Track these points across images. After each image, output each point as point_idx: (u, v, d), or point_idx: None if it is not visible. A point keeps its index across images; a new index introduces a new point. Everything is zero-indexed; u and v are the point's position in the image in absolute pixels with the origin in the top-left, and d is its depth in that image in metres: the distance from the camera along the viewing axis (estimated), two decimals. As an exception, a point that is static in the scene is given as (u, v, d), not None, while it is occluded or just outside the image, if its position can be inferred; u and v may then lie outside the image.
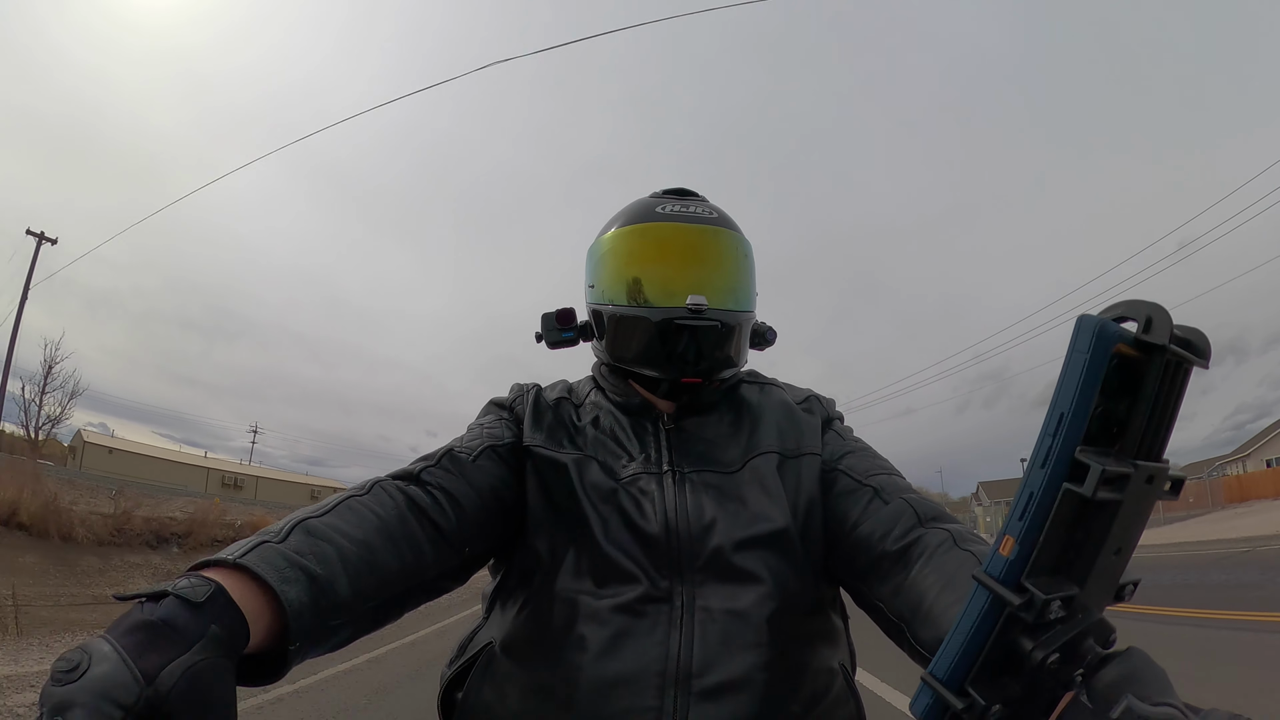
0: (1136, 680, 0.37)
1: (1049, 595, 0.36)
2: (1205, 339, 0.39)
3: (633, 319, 0.83)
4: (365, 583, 0.61)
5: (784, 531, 0.75)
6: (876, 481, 0.78)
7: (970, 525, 0.72)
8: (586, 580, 0.73)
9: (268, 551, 0.54)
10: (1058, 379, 0.37)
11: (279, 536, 0.57)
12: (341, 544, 0.60)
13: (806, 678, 0.72)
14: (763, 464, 0.81)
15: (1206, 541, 16.84)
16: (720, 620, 0.70)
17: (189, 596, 0.46)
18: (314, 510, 0.62)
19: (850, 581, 0.76)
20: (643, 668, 0.67)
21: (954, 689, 0.38)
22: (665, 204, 0.88)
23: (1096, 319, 0.36)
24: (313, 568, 0.56)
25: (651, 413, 0.86)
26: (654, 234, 0.86)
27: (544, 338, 0.92)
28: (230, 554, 0.52)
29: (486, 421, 0.86)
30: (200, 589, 0.47)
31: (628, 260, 0.86)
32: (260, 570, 0.52)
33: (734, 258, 0.87)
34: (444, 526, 0.71)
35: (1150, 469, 0.38)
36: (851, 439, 0.88)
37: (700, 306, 0.79)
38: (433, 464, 0.75)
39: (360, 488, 0.68)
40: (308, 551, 0.57)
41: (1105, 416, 0.37)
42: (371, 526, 0.64)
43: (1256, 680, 4.27)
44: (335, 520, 0.62)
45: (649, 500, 0.77)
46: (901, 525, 0.71)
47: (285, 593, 0.52)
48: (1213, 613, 6.95)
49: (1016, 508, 0.37)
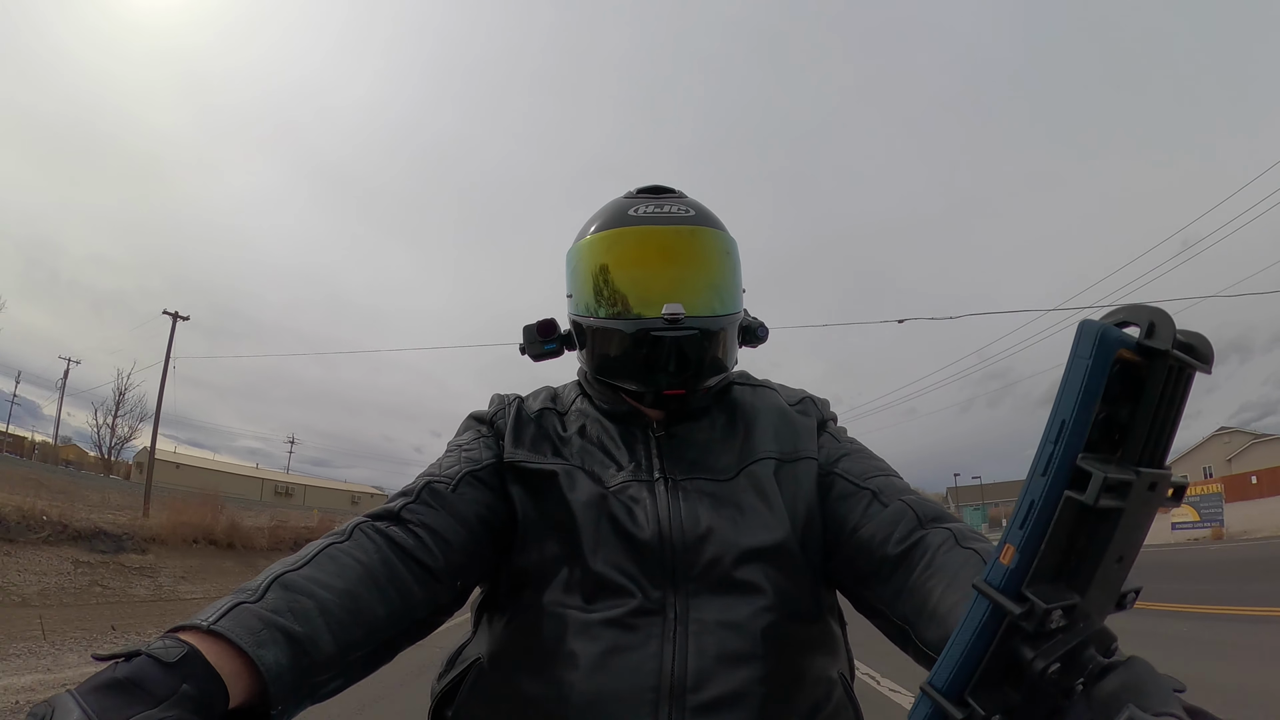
0: (1138, 690, 0.36)
1: (1050, 604, 0.35)
2: (1208, 343, 0.39)
3: (608, 331, 0.80)
4: (351, 634, 0.59)
5: (783, 540, 0.74)
6: (874, 484, 0.76)
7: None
8: (576, 593, 0.71)
9: (243, 614, 0.52)
10: (1059, 385, 0.36)
11: (256, 595, 0.55)
12: (322, 596, 0.58)
13: (805, 689, 0.71)
14: (759, 470, 0.78)
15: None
16: (715, 633, 0.68)
17: (161, 656, 0.45)
18: (293, 563, 0.60)
19: (851, 586, 0.75)
20: (636, 683, 0.65)
21: (953, 699, 0.38)
22: (638, 205, 0.83)
23: (1098, 324, 0.36)
24: (291, 626, 0.54)
25: (640, 420, 0.83)
26: (626, 239, 0.81)
27: (526, 350, 0.89)
28: (204, 618, 0.51)
29: (464, 442, 0.83)
30: (173, 650, 0.46)
31: (601, 269, 0.82)
32: (234, 636, 0.50)
33: (713, 257, 0.83)
34: (431, 565, 0.69)
35: (1152, 476, 0.37)
36: (846, 440, 0.85)
37: (677, 315, 0.75)
38: (412, 500, 0.73)
39: (340, 533, 0.66)
40: (285, 609, 0.55)
41: (1107, 423, 0.37)
42: (354, 575, 0.62)
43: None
44: (315, 572, 0.60)
45: (640, 508, 0.74)
46: (902, 528, 0.69)
47: (261, 657, 0.50)
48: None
49: (1017, 516, 0.37)
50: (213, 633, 0.50)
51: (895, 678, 4.97)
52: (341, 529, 0.67)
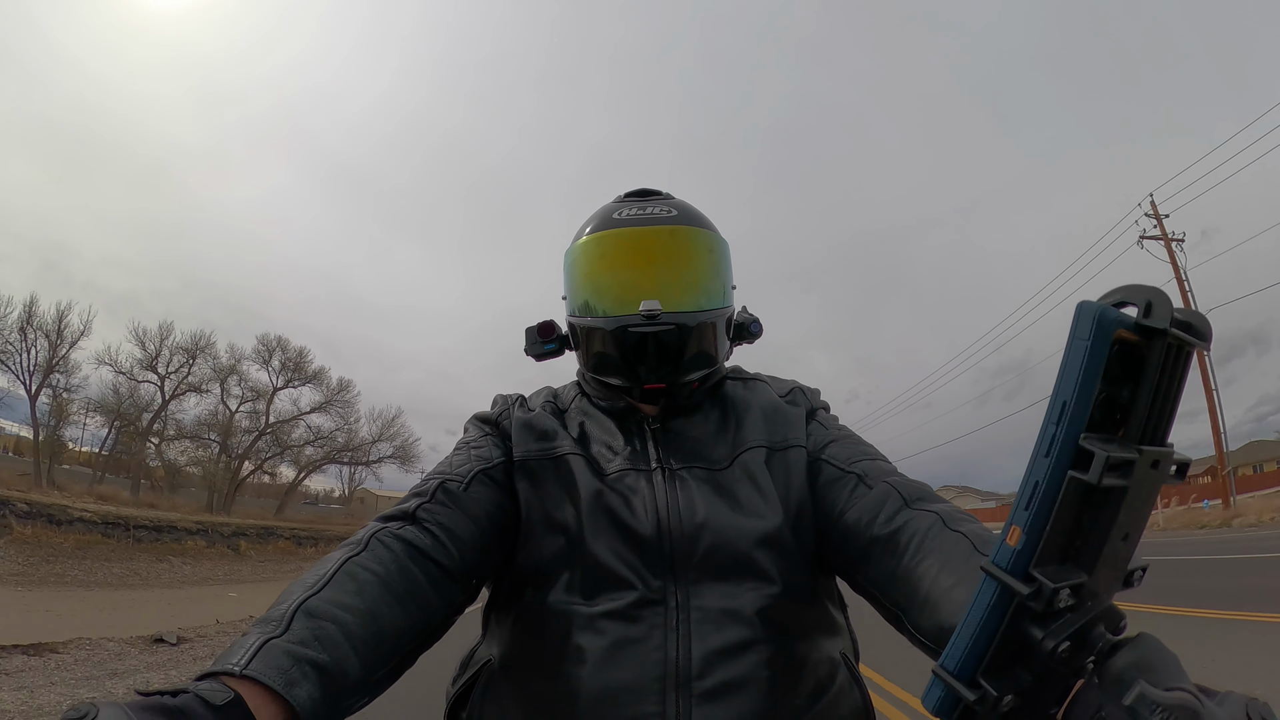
0: (1148, 666, 0.36)
1: (1057, 584, 0.36)
2: (1206, 321, 0.39)
3: (593, 330, 0.83)
4: (375, 653, 0.60)
5: (778, 526, 0.75)
6: (860, 468, 0.77)
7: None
8: (578, 589, 0.72)
9: (272, 652, 0.53)
10: (1059, 367, 0.36)
11: (281, 628, 0.55)
12: (345, 620, 0.58)
13: (808, 671, 0.72)
14: (751, 459, 0.80)
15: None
16: (717, 619, 0.69)
17: (209, 698, 0.46)
18: (313, 585, 0.60)
19: (844, 570, 0.76)
20: (642, 674, 0.67)
21: (965, 681, 0.38)
22: (623, 208, 0.86)
23: (1096, 305, 0.36)
24: (318, 657, 0.54)
25: (636, 415, 0.85)
26: (608, 242, 0.85)
27: (528, 351, 0.91)
28: (236, 661, 0.51)
29: (473, 440, 0.85)
30: (220, 694, 0.47)
31: (587, 271, 0.86)
32: (266, 679, 0.50)
33: (693, 254, 0.85)
34: (447, 565, 0.70)
35: (1155, 453, 0.38)
36: (835, 427, 0.86)
37: (654, 312, 0.78)
38: (427, 500, 0.74)
39: (357, 544, 0.67)
40: (312, 639, 0.55)
41: (1108, 403, 0.37)
42: (373, 592, 0.62)
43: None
44: (335, 594, 0.60)
45: (638, 498, 0.76)
46: (888, 509, 0.70)
47: (295, 696, 0.51)
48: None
49: (1022, 497, 0.37)
50: (246, 676, 0.50)
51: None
52: (358, 538, 0.68)
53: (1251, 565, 9.14)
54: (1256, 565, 9.03)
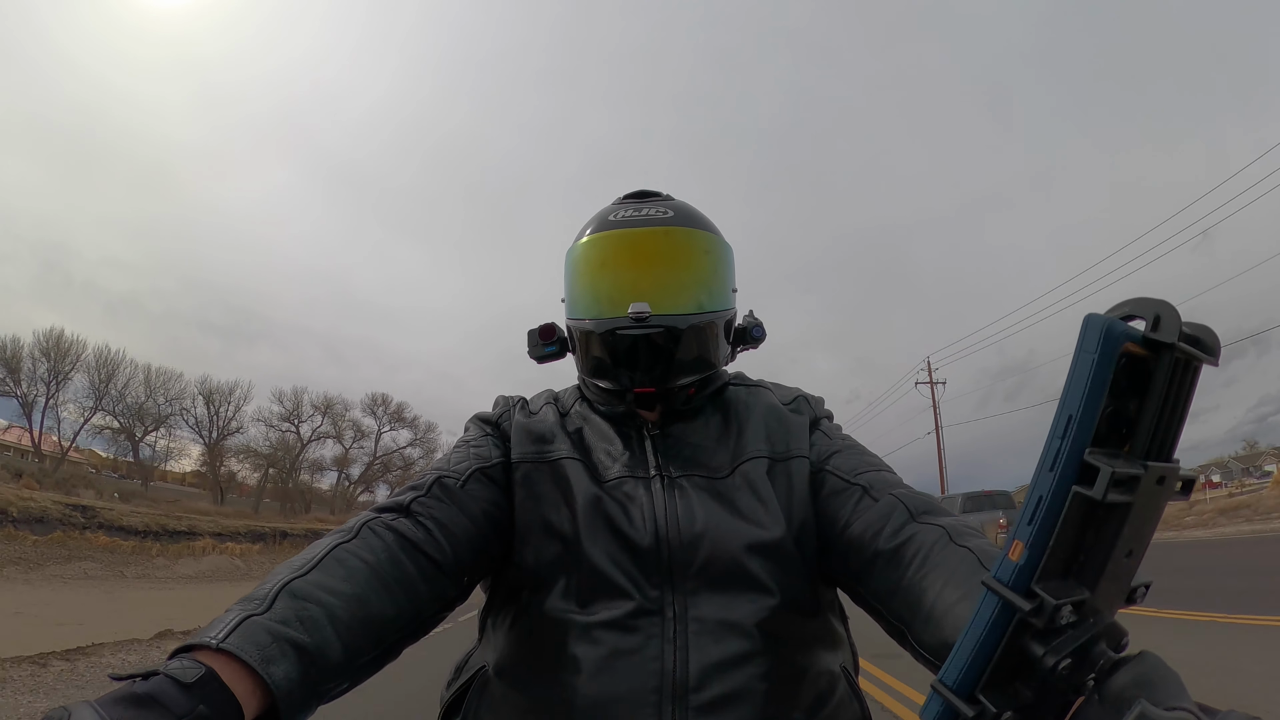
0: (1150, 684, 0.36)
1: (1060, 600, 0.35)
2: (1215, 336, 0.38)
3: (585, 332, 0.82)
4: (359, 639, 0.59)
5: (780, 537, 0.74)
6: (865, 479, 0.76)
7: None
8: (575, 597, 0.71)
9: (251, 628, 0.52)
10: (1065, 380, 0.36)
11: (264, 606, 0.54)
12: (330, 603, 0.57)
13: (808, 684, 0.71)
14: (752, 469, 0.78)
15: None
16: (715, 631, 0.68)
17: (179, 677, 0.46)
18: (300, 567, 0.59)
19: (847, 583, 0.75)
20: (638, 685, 0.66)
21: (964, 696, 0.37)
22: (620, 210, 0.85)
23: (1104, 318, 0.35)
24: (299, 637, 0.53)
25: (636, 420, 0.84)
26: (602, 244, 0.84)
27: (530, 353, 0.91)
28: (213, 636, 0.50)
29: (473, 439, 0.84)
30: (191, 671, 0.47)
31: (582, 273, 0.85)
32: (243, 654, 0.50)
33: (688, 256, 0.83)
34: (439, 559, 0.69)
35: (1161, 470, 0.37)
36: (839, 437, 0.85)
37: (642, 314, 0.76)
38: (423, 494, 0.73)
39: (347, 531, 0.66)
40: (293, 619, 0.54)
41: (1114, 417, 0.37)
42: (362, 578, 0.61)
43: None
44: (322, 577, 0.59)
45: (637, 507, 0.74)
46: (893, 522, 0.69)
47: (271, 674, 0.50)
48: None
49: (1025, 512, 0.37)
50: (223, 651, 0.50)
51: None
52: (349, 526, 0.67)
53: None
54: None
